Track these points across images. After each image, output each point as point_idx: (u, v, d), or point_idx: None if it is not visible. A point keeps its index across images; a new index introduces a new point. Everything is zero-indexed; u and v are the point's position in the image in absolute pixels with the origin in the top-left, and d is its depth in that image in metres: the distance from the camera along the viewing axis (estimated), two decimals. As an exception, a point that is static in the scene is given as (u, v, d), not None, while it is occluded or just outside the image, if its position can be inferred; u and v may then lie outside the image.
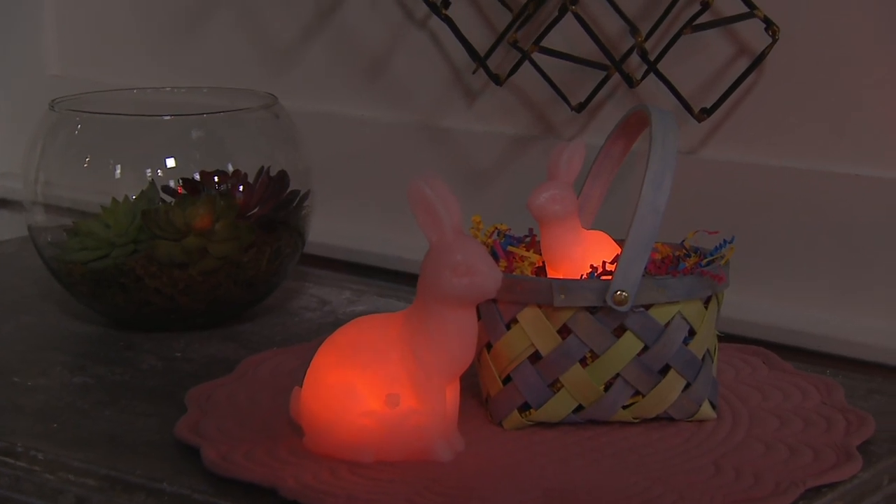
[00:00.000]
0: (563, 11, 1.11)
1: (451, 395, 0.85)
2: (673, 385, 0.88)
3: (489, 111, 1.23)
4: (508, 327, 0.88)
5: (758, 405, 0.92)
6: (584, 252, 0.94)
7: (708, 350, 0.89)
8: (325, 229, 1.26)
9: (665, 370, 0.88)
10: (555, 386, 0.88)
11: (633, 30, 1.09)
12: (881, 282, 1.05)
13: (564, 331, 0.87)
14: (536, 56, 1.13)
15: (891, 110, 1.04)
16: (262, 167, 1.10)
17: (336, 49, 1.31)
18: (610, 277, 0.87)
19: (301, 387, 0.86)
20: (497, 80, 1.17)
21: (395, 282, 1.23)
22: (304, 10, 1.32)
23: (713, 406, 0.90)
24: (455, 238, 0.82)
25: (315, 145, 1.17)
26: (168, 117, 1.08)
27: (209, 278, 1.07)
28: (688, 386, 0.88)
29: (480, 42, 1.19)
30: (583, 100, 1.15)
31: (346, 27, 1.30)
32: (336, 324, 0.85)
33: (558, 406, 0.88)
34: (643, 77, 1.11)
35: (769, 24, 1.05)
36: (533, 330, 0.87)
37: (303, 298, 1.18)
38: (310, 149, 1.14)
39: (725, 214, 1.09)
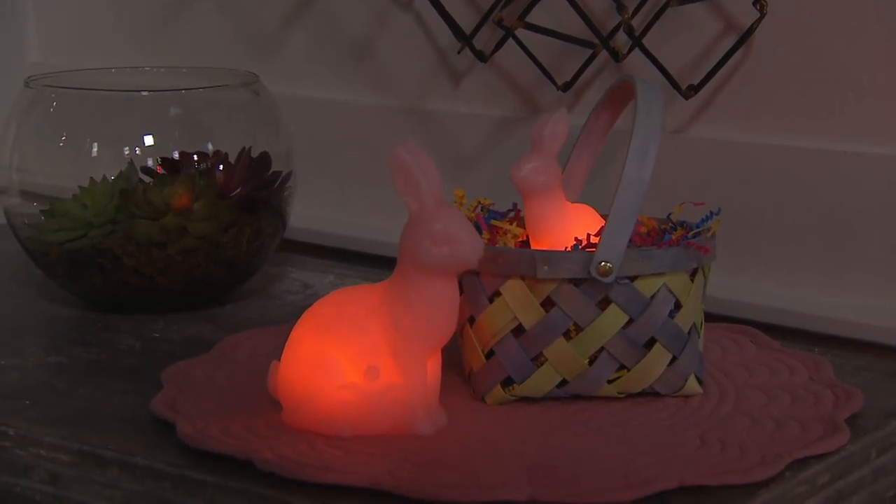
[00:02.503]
0: (548, -12, 1.10)
1: (433, 368, 0.83)
2: (658, 359, 0.86)
3: (475, 93, 1.21)
4: (491, 300, 0.86)
5: (745, 381, 0.90)
6: (568, 225, 0.92)
7: (694, 324, 0.88)
8: (308, 214, 1.25)
9: (650, 343, 0.86)
10: (538, 360, 0.86)
11: (620, 6, 1.07)
12: (870, 259, 1.03)
13: (548, 303, 0.85)
14: (522, 34, 1.11)
15: (880, 86, 1.03)
16: (244, 148, 1.08)
17: (319, 32, 1.29)
18: (594, 249, 0.85)
19: (279, 361, 0.84)
20: (482, 56, 1.15)
21: (379, 266, 1.21)
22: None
23: (699, 381, 0.88)
24: (435, 207, 0.80)
25: (299, 130, 1.15)
26: (145, 93, 1.06)
27: (188, 258, 1.05)
28: (674, 360, 0.87)
29: (465, 22, 1.17)
30: (569, 79, 1.13)
31: (330, 9, 1.28)
32: (319, 306, 0.84)
33: (542, 380, 0.86)
34: (629, 52, 1.09)
35: (757, -1, 1.04)
36: (516, 303, 0.86)
37: (285, 282, 1.16)
38: (293, 132, 1.13)
39: (713, 193, 1.07)
